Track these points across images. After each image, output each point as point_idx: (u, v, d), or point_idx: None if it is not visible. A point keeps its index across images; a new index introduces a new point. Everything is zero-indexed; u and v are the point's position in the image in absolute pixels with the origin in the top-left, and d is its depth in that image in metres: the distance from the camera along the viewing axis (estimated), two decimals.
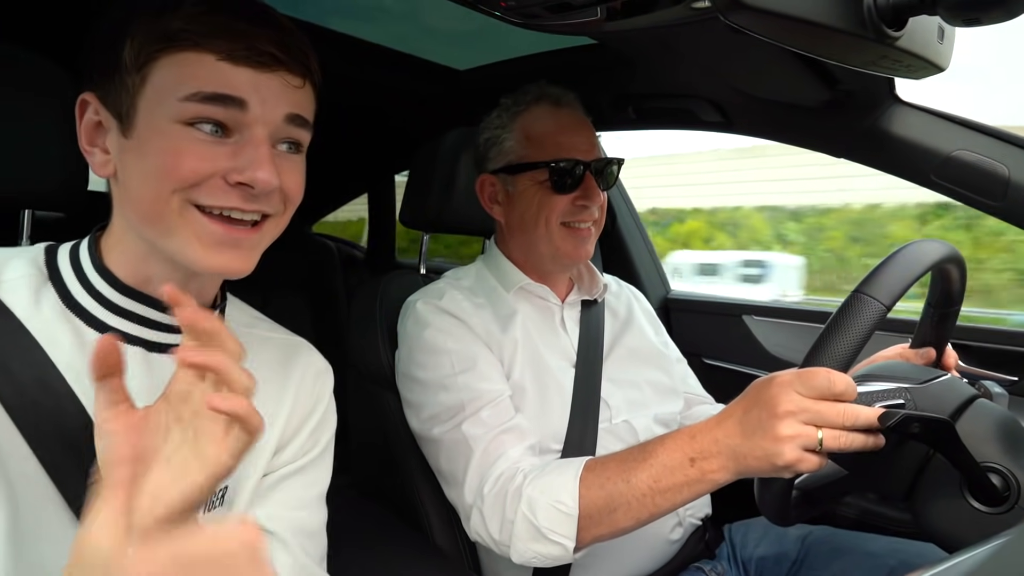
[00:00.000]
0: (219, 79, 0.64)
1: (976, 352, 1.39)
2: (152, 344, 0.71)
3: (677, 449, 0.90)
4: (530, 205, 1.22)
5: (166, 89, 0.64)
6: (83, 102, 0.69)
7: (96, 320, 0.69)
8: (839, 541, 1.23)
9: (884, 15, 0.67)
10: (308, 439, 0.83)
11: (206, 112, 0.64)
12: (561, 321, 1.29)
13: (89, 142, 0.69)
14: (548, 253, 1.24)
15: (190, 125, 0.64)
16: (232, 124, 0.66)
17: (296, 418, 0.82)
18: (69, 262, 0.71)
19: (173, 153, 0.64)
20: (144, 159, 0.65)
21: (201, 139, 0.64)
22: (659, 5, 0.78)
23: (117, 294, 0.69)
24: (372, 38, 1.66)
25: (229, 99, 0.65)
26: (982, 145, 1.13)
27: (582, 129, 1.25)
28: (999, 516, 0.76)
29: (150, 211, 0.66)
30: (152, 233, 0.67)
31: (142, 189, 0.66)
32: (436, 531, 1.22)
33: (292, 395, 0.82)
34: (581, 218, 1.22)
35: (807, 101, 1.26)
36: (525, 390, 1.16)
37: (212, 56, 0.64)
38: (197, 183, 0.65)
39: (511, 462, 1.04)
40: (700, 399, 1.43)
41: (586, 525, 0.95)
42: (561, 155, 1.19)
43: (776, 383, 0.82)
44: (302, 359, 0.85)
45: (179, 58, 0.64)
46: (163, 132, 0.64)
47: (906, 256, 0.86)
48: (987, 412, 0.83)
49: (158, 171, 0.64)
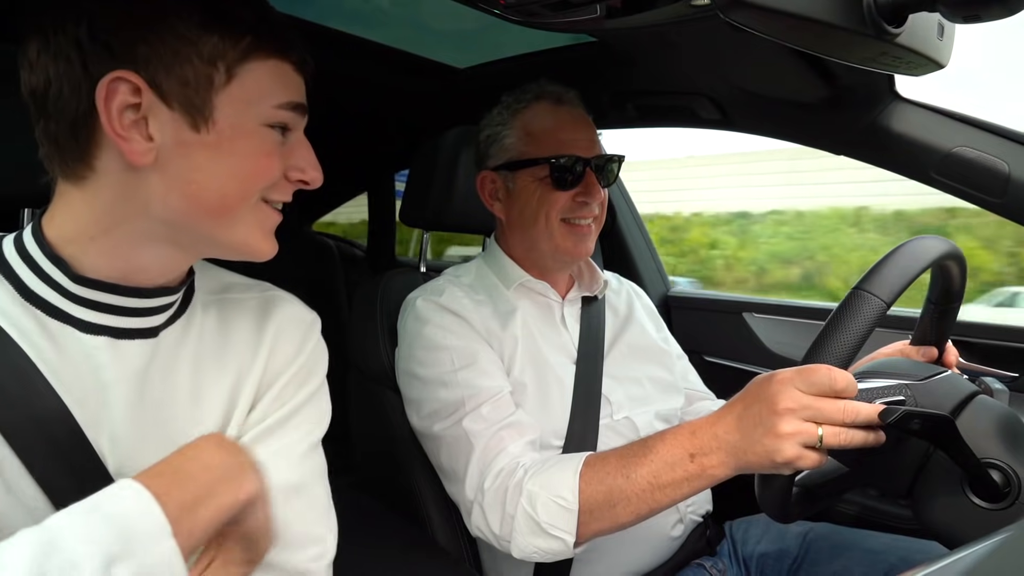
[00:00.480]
0: (299, 89, 0.71)
1: (977, 348, 1.39)
2: (119, 331, 0.69)
3: (677, 445, 0.90)
4: (530, 201, 1.22)
5: (259, 93, 0.67)
6: (118, 80, 0.61)
7: (59, 311, 0.67)
8: (840, 538, 1.24)
9: (884, 12, 0.67)
10: (287, 387, 0.79)
11: (288, 118, 0.70)
12: (562, 318, 1.29)
13: (123, 127, 0.63)
14: (548, 250, 1.24)
15: (271, 127, 0.69)
16: (292, 127, 0.72)
17: (270, 374, 0.79)
18: (15, 254, 0.68)
19: (264, 155, 0.68)
20: (227, 158, 0.66)
21: (278, 141, 0.70)
22: (659, 2, 0.78)
23: (76, 285, 0.67)
24: (372, 37, 1.66)
25: (302, 108, 0.72)
26: (982, 142, 1.13)
27: (583, 126, 1.25)
28: (1000, 512, 0.76)
29: (224, 205, 0.68)
30: (212, 226, 0.68)
31: (222, 186, 0.67)
32: (437, 528, 1.23)
33: (268, 348, 0.79)
34: (581, 214, 1.22)
35: (807, 98, 1.26)
36: (526, 387, 1.16)
37: (289, 66, 0.70)
38: (275, 183, 0.70)
39: (512, 457, 1.04)
40: (701, 395, 1.44)
41: (586, 520, 0.95)
42: (562, 151, 1.20)
43: (776, 380, 0.82)
44: (278, 311, 0.82)
45: (269, 65, 0.68)
46: (252, 134, 0.68)
47: (906, 253, 0.86)
48: (988, 408, 0.83)
49: (247, 171, 0.68)
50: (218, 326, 0.78)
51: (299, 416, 0.79)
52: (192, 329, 0.76)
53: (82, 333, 0.67)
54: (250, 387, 0.77)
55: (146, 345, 0.71)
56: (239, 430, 0.77)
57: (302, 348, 0.82)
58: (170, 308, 0.74)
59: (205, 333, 0.77)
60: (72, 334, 0.67)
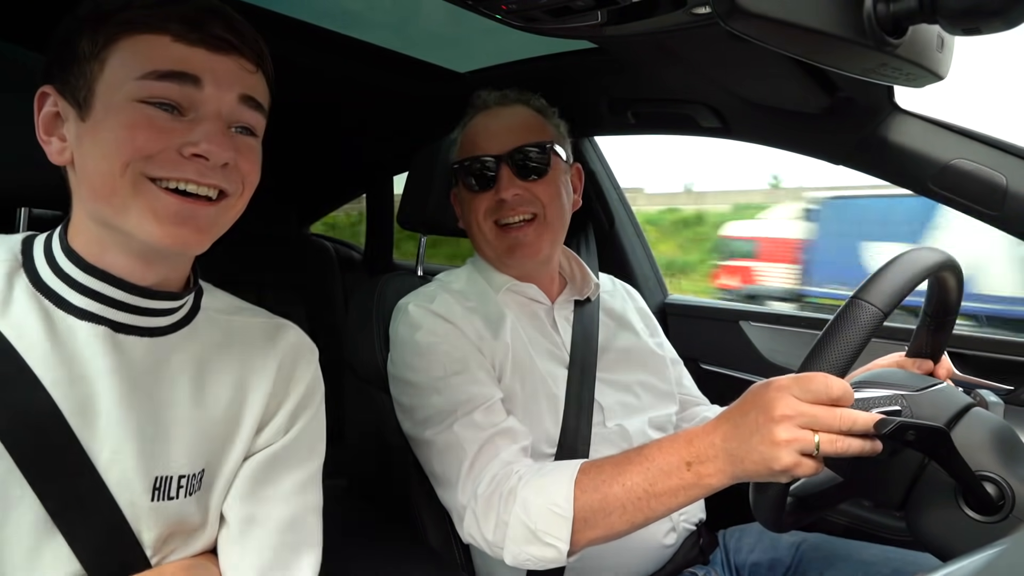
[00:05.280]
0: (174, 57, 0.68)
1: (972, 361, 1.39)
2: (119, 325, 0.72)
3: (673, 452, 0.90)
4: (465, 211, 1.27)
5: (123, 69, 0.68)
6: (42, 95, 0.72)
7: (63, 300, 0.71)
8: (833, 548, 1.23)
9: (884, 23, 0.67)
10: (288, 418, 0.83)
11: (161, 90, 0.68)
12: (553, 322, 1.29)
13: (46, 132, 0.72)
14: (493, 256, 1.26)
15: (146, 103, 0.68)
16: (187, 103, 0.69)
17: (277, 397, 0.83)
18: (42, 248, 0.74)
19: (128, 127, 0.67)
20: (99, 137, 0.68)
21: (156, 115, 0.68)
22: (659, 10, 0.78)
23: (83, 274, 0.71)
24: (374, 40, 1.66)
25: (184, 76, 0.68)
26: (980, 154, 1.13)
27: (504, 125, 1.25)
28: (994, 525, 0.76)
29: (105, 187, 0.68)
30: (108, 211, 0.69)
31: (98, 166, 0.68)
32: (430, 532, 1.22)
33: (273, 374, 0.82)
34: (505, 213, 1.22)
35: (806, 108, 1.26)
36: (517, 394, 1.16)
37: (167, 38, 0.68)
38: (151, 155, 0.67)
39: (505, 464, 1.04)
40: (695, 400, 1.43)
41: (580, 528, 0.94)
42: (469, 155, 1.23)
43: (773, 387, 0.82)
44: (284, 339, 0.86)
45: (136, 40, 0.68)
46: (119, 109, 0.67)
47: (904, 263, 0.86)
48: (982, 421, 0.83)
49: (113, 145, 0.67)
50: (224, 339, 0.81)
51: (304, 441, 0.84)
52: (197, 339, 0.79)
53: (82, 321, 0.70)
54: (256, 404, 0.81)
55: (145, 342, 0.74)
56: (248, 448, 0.81)
57: (306, 374, 0.86)
58: (173, 313, 0.76)
59: (210, 345, 0.80)
60: (73, 322, 0.70)
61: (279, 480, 0.81)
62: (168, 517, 0.73)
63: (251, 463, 0.81)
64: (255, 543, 0.78)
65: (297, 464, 0.83)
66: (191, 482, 0.75)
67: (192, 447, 0.75)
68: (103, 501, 0.69)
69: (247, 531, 0.79)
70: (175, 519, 0.74)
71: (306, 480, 0.84)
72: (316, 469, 0.86)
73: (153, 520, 0.72)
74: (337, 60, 1.70)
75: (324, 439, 0.88)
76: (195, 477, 0.75)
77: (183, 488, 0.74)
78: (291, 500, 0.82)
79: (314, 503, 0.85)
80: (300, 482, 0.83)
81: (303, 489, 0.83)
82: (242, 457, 0.80)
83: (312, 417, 0.86)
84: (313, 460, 0.86)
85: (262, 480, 0.80)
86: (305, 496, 0.84)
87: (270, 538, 0.79)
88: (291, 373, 0.84)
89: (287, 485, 0.82)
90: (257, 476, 0.80)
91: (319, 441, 0.87)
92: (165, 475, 0.73)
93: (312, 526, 0.84)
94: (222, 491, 0.79)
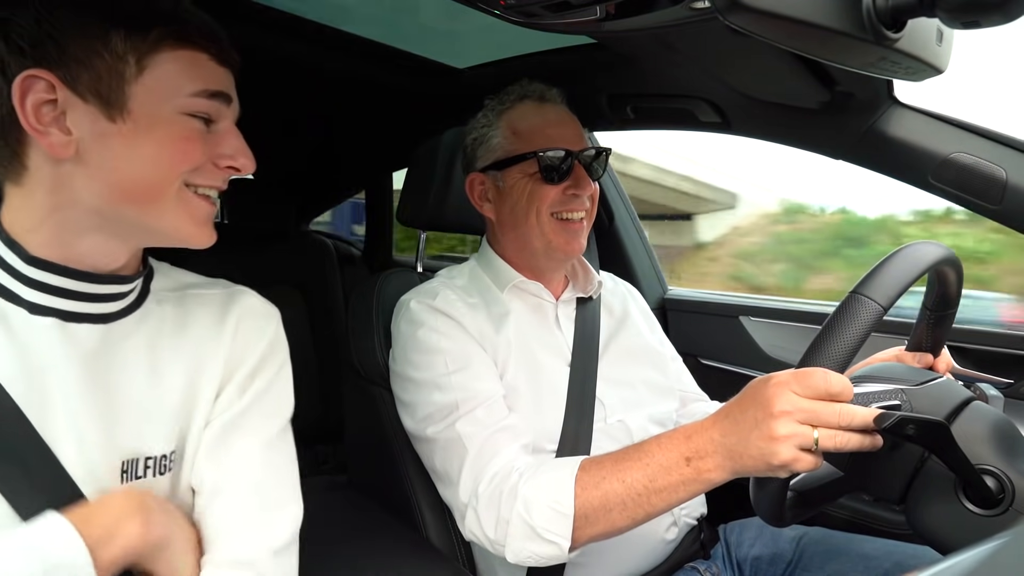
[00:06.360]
0: (217, 79, 0.74)
1: (972, 354, 1.39)
2: (68, 314, 0.72)
3: (673, 448, 0.90)
4: (520, 198, 1.22)
5: (173, 82, 0.71)
6: (31, 79, 0.66)
7: (9, 292, 0.71)
8: (834, 542, 1.24)
9: (883, 17, 0.67)
10: (246, 379, 0.83)
11: (206, 107, 0.73)
12: (556, 319, 1.29)
13: (40, 122, 0.67)
14: (540, 247, 1.24)
15: (191, 116, 0.72)
16: (216, 117, 0.75)
17: (233, 361, 0.82)
18: None
19: (181, 140, 0.71)
20: (145, 145, 0.70)
21: (199, 128, 0.73)
22: (658, 5, 0.78)
23: (29, 267, 0.71)
24: (372, 36, 1.66)
25: (224, 96, 0.75)
26: (980, 148, 1.13)
27: (568, 121, 1.26)
28: (994, 518, 0.76)
29: (148, 193, 0.71)
30: (137, 212, 0.72)
31: (142, 172, 0.70)
32: (431, 528, 1.22)
33: (229, 338, 0.83)
34: (572, 208, 1.22)
35: (805, 103, 1.26)
36: (519, 391, 1.16)
37: (206, 56, 0.73)
38: (198, 167, 0.73)
39: (506, 461, 1.04)
40: (695, 396, 1.44)
41: (582, 525, 0.95)
42: (549, 145, 1.20)
43: (773, 383, 0.82)
44: (239, 304, 0.85)
45: (183, 55, 0.71)
46: (170, 122, 0.71)
47: (904, 257, 0.86)
48: (982, 414, 0.84)
49: (167, 157, 0.71)
50: (176, 317, 0.81)
51: (263, 403, 0.84)
52: (148, 320, 0.79)
53: (31, 314, 0.71)
54: (213, 373, 0.81)
55: (97, 330, 0.74)
56: (208, 416, 0.81)
57: (262, 336, 0.86)
58: (123, 298, 0.77)
59: (163, 323, 0.80)
60: (21, 315, 0.70)
61: (243, 442, 0.80)
62: None
63: (211, 429, 0.80)
64: (225, 509, 0.78)
65: (259, 425, 0.82)
66: (160, 463, 0.75)
67: (156, 429, 0.75)
68: (70, 494, 0.68)
69: (217, 497, 0.78)
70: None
71: (270, 440, 0.83)
72: (281, 428, 0.85)
73: None
74: (336, 56, 1.70)
75: (291, 400, 0.87)
76: (165, 458, 0.75)
77: (150, 469, 0.74)
78: (257, 461, 0.81)
79: (283, 462, 0.84)
80: (264, 442, 0.82)
81: (268, 448, 0.82)
82: (204, 424, 0.80)
83: (273, 379, 0.85)
84: (277, 420, 0.84)
85: (224, 445, 0.80)
86: (271, 455, 0.82)
87: (241, 501, 0.78)
88: (247, 336, 0.84)
89: (251, 447, 0.81)
90: (218, 441, 0.80)
91: (284, 402, 0.86)
92: (132, 458, 0.73)
93: (285, 484, 0.83)
94: (190, 461, 0.79)
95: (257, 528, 0.78)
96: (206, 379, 0.80)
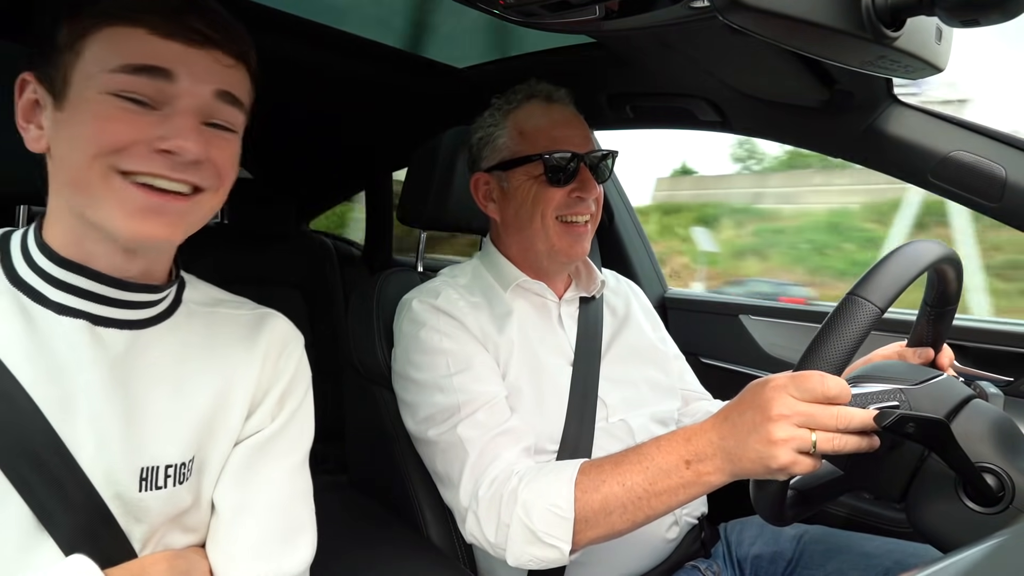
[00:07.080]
0: (148, 51, 0.67)
1: (972, 352, 1.39)
2: (97, 318, 0.72)
3: (672, 451, 0.90)
4: (525, 200, 1.22)
5: (97, 62, 0.67)
6: (23, 82, 0.72)
7: (39, 295, 0.71)
8: (835, 541, 1.24)
9: (882, 15, 0.67)
10: (276, 405, 0.84)
11: (134, 84, 0.67)
12: (559, 318, 1.29)
13: (25, 119, 0.72)
14: (544, 250, 1.23)
15: (119, 96, 0.67)
16: (160, 98, 0.68)
17: (264, 384, 0.83)
18: (19, 244, 0.74)
19: (99, 119, 0.66)
20: (72, 128, 0.68)
21: (128, 108, 0.67)
22: (657, 4, 0.78)
23: (57, 268, 0.71)
24: (372, 36, 1.66)
25: (156, 70, 0.67)
26: (979, 146, 1.13)
27: (575, 123, 1.25)
28: (994, 516, 0.76)
29: (77, 178, 0.68)
30: (80, 203, 0.69)
31: (70, 157, 0.69)
32: (432, 528, 1.22)
33: (259, 361, 0.83)
34: (577, 211, 1.22)
35: (805, 101, 1.26)
36: (521, 391, 1.16)
37: (143, 30, 0.67)
38: (120, 149, 0.67)
39: (506, 464, 1.04)
40: (698, 395, 1.43)
41: (582, 528, 0.95)
42: (555, 148, 1.19)
43: (770, 386, 0.82)
44: (268, 327, 0.86)
45: (111, 32, 0.68)
46: (91, 101, 0.67)
47: (901, 257, 0.85)
48: (982, 412, 0.84)
49: (84, 138, 0.67)
50: (206, 332, 0.81)
51: (291, 428, 0.85)
52: (178, 332, 0.79)
53: (60, 316, 0.70)
54: (243, 393, 0.81)
55: (125, 335, 0.74)
56: (236, 435, 0.81)
57: (291, 360, 0.87)
58: (153, 306, 0.77)
59: (192, 337, 0.80)
60: (51, 317, 0.70)
61: (269, 466, 0.82)
62: (158, 506, 0.73)
63: (241, 449, 0.81)
64: (248, 529, 0.79)
65: (286, 450, 0.84)
66: (180, 471, 0.75)
67: (178, 437, 0.75)
68: (88, 497, 0.68)
69: (239, 517, 0.79)
70: (166, 508, 0.74)
71: (295, 466, 0.85)
72: (304, 456, 0.87)
73: (143, 511, 0.72)
74: (336, 56, 1.70)
75: (312, 427, 0.89)
76: (184, 466, 0.76)
77: (171, 477, 0.74)
78: (281, 486, 0.82)
79: (304, 488, 0.86)
80: (289, 468, 0.84)
81: (292, 475, 0.84)
82: (232, 444, 0.81)
83: (299, 404, 0.87)
84: (301, 446, 0.86)
85: (253, 466, 0.81)
86: (295, 482, 0.84)
87: (262, 523, 0.80)
88: (277, 361, 0.85)
89: (277, 471, 0.82)
90: (248, 462, 0.81)
91: (307, 428, 0.88)
92: (152, 465, 0.73)
93: (304, 510, 0.85)
94: (213, 477, 0.79)
95: (278, 550, 0.80)
96: (236, 398, 0.80)
